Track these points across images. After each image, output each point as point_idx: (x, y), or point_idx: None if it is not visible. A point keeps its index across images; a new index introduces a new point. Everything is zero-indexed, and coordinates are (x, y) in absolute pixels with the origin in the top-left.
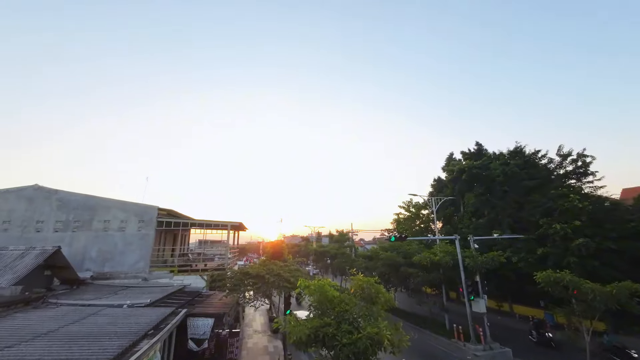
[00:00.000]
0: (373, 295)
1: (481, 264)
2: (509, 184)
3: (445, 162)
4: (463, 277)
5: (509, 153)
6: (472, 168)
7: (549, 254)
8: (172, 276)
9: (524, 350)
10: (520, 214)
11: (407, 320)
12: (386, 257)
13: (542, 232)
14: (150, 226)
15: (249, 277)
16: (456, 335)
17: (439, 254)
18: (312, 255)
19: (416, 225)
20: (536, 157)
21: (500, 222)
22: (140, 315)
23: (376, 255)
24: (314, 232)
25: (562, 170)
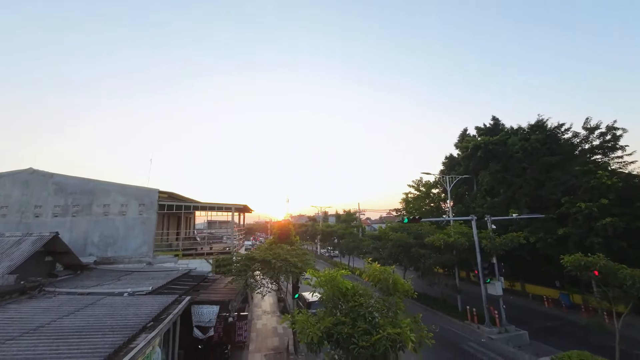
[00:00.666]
0: (391, 287)
1: (499, 246)
2: (528, 161)
3: (459, 138)
4: (479, 259)
5: (530, 127)
6: (489, 144)
7: (570, 235)
8: (177, 260)
9: (540, 332)
10: (539, 192)
11: (418, 301)
12: (396, 238)
13: (563, 211)
14: (151, 210)
15: (254, 262)
16: (469, 318)
17: (453, 235)
18: (319, 235)
19: (426, 204)
20: (559, 131)
21: (517, 201)
22: (140, 305)
23: (385, 235)
24: (320, 211)
25: (587, 145)
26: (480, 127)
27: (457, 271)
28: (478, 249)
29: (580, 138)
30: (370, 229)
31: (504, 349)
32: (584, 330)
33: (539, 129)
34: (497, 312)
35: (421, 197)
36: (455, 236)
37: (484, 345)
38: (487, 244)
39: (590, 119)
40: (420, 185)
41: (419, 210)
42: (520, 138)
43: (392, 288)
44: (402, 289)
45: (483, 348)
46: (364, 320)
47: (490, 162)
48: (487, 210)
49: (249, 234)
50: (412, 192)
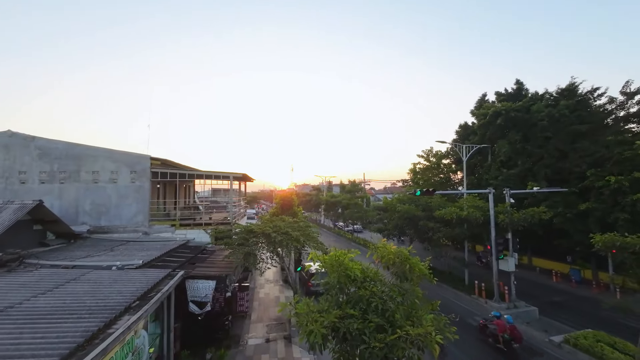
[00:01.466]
0: (407, 272)
1: (518, 222)
2: (553, 129)
3: (476, 105)
4: (493, 234)
5: (559, 92)
6: (510, 110)
7: (592, 210)
8: (174, 230)
9: (548, 307)
10: (561, 164)
11: None
12: (404, 210)
13: (587, 184)
14: (144, 177)
15: (253, 235)
16: (477, 292)
17: (466, 208)
18: (323, 205)
19: (435, 175)
20: (591, 97)
21: (535, 174)
22: (128, 281)
23: (392, 207)
24: (324, 181)
25: (622, 112)
26: (501, 93)
27: (465, 245)
28: (493, 224)
29: (616, 104)
30: (374, 199)
31: None
32: (595, 306)
33: (569, 94)
34: (507, 288)
35: (431, 168)
36: (469, 210)
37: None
38: (504, 219)
39: (631, 82)
40: (430, 155)
41: (428, 181)
42: (547, 104)
43: (408, 273)
44: (419, 272)
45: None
46: (377, 313)
47: (510, 131)
48: (501, 183)
49: (254, 203)
50: (421, 162)
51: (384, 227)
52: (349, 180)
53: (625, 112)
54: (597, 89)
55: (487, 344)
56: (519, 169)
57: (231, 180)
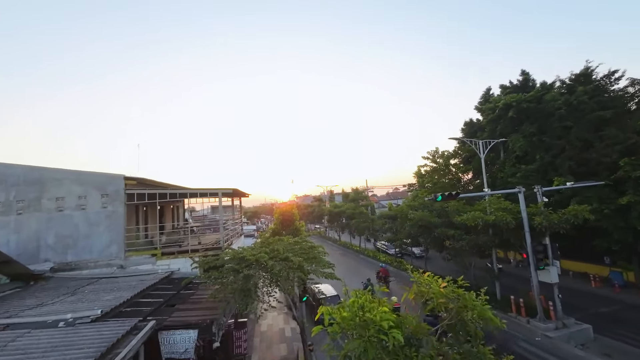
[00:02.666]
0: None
1: (558, 223)
2: (573, 118)
3: (481, 99)
4: (529, 240)
5: (573, 78)
6: (522, 102)
7: (635, 204)
8: (156, 261)
9: (599, 321)
10: (586, 154)
11: None
12: (418, 217)
13: (620, 175)
14: (117, 201)
15: (245, 265)
16: (514, 309)
17: (494, 212)
18: (327, 216)
19: (444, 177)
20: (609, 81)
21: (557, 167)
22: (70, 347)
23: (402, 214)
24: (326, 191)
25: None
26: (506, 85)
27: (494, 254)
28: (527, 228)
29: (638, 87)
30: (378, 206)
31: (567, 350)
32: None
33: (585, 80)
34: (551, 303)
35: (438, 170)
36: (498, 213)
37: (540, 345)
38: (540, 221)
39: None
40: (436, 156)
41: (436, 185)
42: (560, 92)
43: (470, 325)
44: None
45: (540, 350)
46: None
47: (524, 124)
48: (519, 180)
49: (254, 218)
50: (427, 164)
51: (394, 237)
52: (352, 188)
53: None
54: (614, 72)
55: None
56: (538, 164)
57: (220, 197)
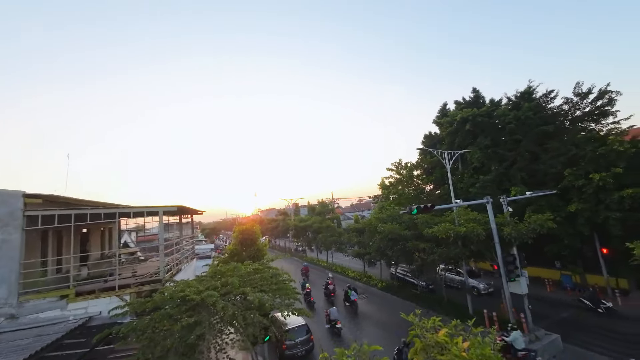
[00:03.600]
0: None
1: (526, 233)
2: (521, 132)
3: (439, 113)
4: (499, 251)
5: (519, 96)
6: (477, 116)
7: (582, 211)
8: (67, 304)
9: (562, 327)
10: (534, 166)
11: (417, 302)
12: (387, 230)
13: (565, 184)
14: (10, 226)
15: (186, 308)
16: (487, 324)
17: (464, 223)
18: (292, 231)
19: (407, 188)
20: (547, 99)
21: (510, 178)
22: None
23: (371, 227)
24: (291, 204)
25: (578, 112)
26: (460, 102)
27: (464, 266)
28: (497, 239)
29: (570, 105)
30: (343, 217)
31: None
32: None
33: (528, 97)
34: (523, 315)
35: (402, 181)
36: (468, 225)
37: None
38: (509, 231)
39: (581, 83)
40: (400, 167)
41: (401, 196)
42: (512, 107)
43: None
44: None
45: None
46: None
47: (479, 137)
48: (478, 190)
49: (213, 235)
50: (392, 175)
51: (363, 251)
52: (318, 201)
53: (581, 112)
54: (551, 92)
55: None
56: (494, 175)
57: (161, 216)
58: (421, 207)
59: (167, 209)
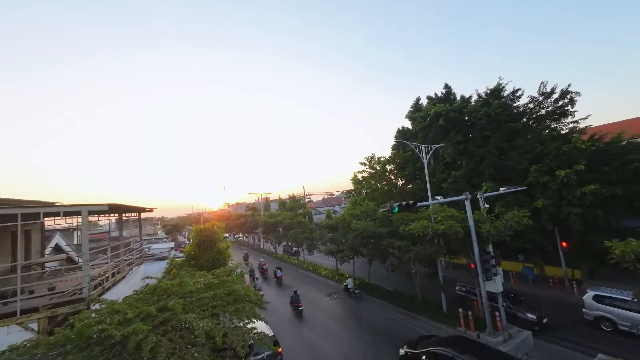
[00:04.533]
0: None
1: (504, 230)
2: (491, 128)
3: (412, 108)
4: (477, 249)
5: (489, 92)
6: (450, 111)
7: (546, 207)
8: None
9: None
10: (502, 162)
11: (391, 302)
12: (362, 228)
13: (531, 180)
14: None
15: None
16: (462, 323)
17: (441, 221)
18: (261, 227)
19: (378, 182)
20: (514, 97)
21: (479, 173)
22: None
23: (345, 223)
24: (261, 198)
25: (543, 111)
26: (432, 97)
27: (440, 265)
28: (475, 237)
29: (535, 103)
30: (315, 212)
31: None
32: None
33: (497, 95)
34: (497, 314)
35: (376, 176)
36: (447, 222)
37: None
38: (488, 229)
39: (546, 83)
40: (372, 162)
41: (375, 191)
42: (482, 104)
43: None
44: None
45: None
46: None
47: (451, 132)
48: (450, 186)
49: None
50: (366, 170)
51: (336, 249)
52: (289, 196)
53: (545, 111)
54: (517, 90)
55: None
56: (464, 170)
57: (84, 217)
58: (403, 204)
59: (95, 208)
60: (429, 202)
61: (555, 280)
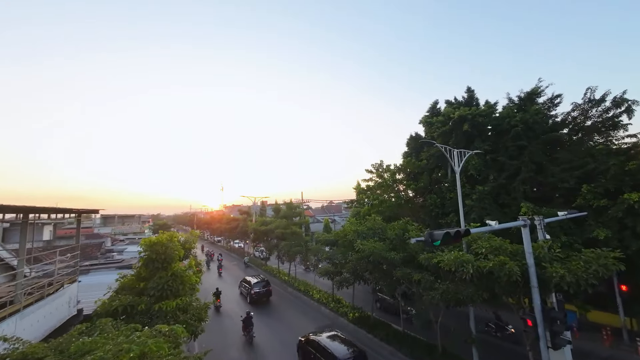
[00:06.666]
0: None
1: (587, 279)
2: (527, 137)
3: (428, 112)
4: (537, 301)
5: (524, 97)
6: (477, 116)
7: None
8: None
9: None
10: (541, 178)
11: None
12: (370, 251)
13: (580, 203)
14: None
15: None
16: None
17: (487, 254)
18: (252, 234)
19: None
20: (552, 104)
21: (510, 190)
22: None
23: (343, 239)
24: (255, 202)
25: (588, 122)
26: (451, 102)
27: (471, 312)
28: (535, 282)
29: (580, 112)
30: (313, 220)
31: None
32: None
33: (533, 100)
34: None
35: (385, 186)
36: (497, 258)
37: None
38: (560, 273)
39: (594, 89)
40: (380, 170)
41: (383, 203)
42: (509, 111)
43: None
44: None
45: None
46: None
47: (475, 140)
48: (475, 203)
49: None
50: (373, 178)
51: (333, 270)
52: (285, 202)
53: (592, 122)
54: (558, 96)
55: None
56: (491, 186)
57: None
58: (451, 234)
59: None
60: (484, 229)
61: (609, 331)
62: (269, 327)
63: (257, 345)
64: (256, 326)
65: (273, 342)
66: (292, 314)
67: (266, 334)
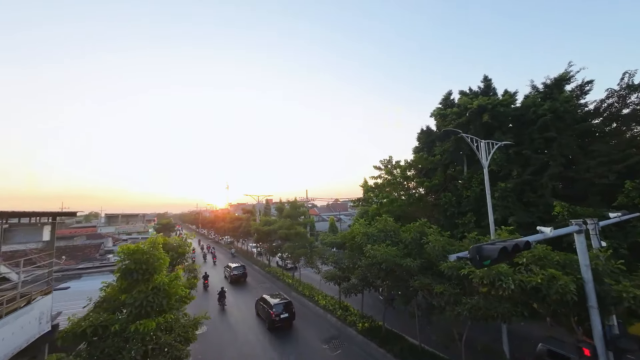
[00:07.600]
0: None
1: None
2: (556, 128)
3: (441, 104)
4: (598, 323)
5: (551, 84)
6: (498, 105)
7: None
8: None
9: None
10: (573, 173)
11: None
12: (381, 257)
13: (622, 202)
14: None
15: None
16: None
17: (531, 266)
18: (255, 235)
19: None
20: (582, 91)
21: (537, 187)
22: None
23: (350, 240)
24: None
25: (626, 110)
26: (466, 92)
27: (505, 332)
28: (594, 302)
29: (617, 98)
30: (318, 219)
31: None
32: None
33: (562, 86)
34: None
35: (395, 183)
36: (546, 271)
37: None
38: (628, 290)
39: (633, 73)
40: (390, 166)
41: (394, 202)
42: (543, 97)
43: None
44: None
45: None
46: None
47: (495, 132)
48: (497, 202)
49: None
50: (382, 175)
51: (338, 274)
52: (289, 200)
53: (632, 109)
54: (589, 82)
55: None
56: (514, 182)
57: None
58: (508, 248)
59: None
60: (536, 237)
61: None
62: (272, 345)
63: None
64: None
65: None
66: (297, 322)
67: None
